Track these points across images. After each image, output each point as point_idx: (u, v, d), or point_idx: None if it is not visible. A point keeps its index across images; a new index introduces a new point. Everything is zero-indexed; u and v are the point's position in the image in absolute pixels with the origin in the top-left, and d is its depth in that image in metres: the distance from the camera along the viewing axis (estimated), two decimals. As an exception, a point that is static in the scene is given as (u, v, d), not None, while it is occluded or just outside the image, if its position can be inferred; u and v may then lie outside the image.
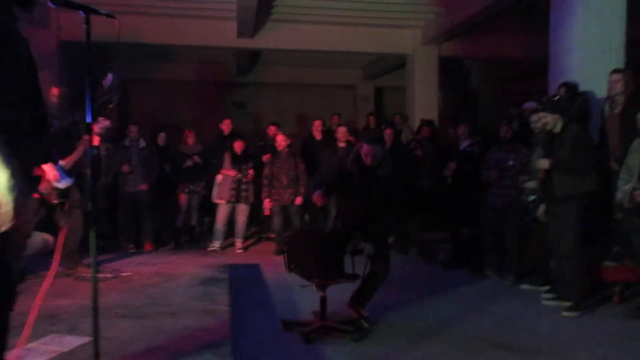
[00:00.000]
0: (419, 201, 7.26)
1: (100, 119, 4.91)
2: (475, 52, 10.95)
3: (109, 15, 2.18)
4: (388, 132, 7.56)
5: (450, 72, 11.41)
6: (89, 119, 2.14)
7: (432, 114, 9.66)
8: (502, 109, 8.72)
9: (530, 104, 6.13)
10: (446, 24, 9.22)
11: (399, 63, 11.29)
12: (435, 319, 4.44)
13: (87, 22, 2.15)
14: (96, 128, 4.75)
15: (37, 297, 2.25)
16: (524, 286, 5.51)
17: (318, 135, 8.17)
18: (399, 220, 7.49)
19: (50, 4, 2.11)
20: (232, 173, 7.30)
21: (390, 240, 7.65)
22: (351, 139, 7.90)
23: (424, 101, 10.22)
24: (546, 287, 5.15)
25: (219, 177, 7.47)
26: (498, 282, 5.79)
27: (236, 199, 7.37)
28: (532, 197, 5.45)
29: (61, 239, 2.56)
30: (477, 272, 6.16)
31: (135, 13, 8.43)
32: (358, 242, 4.27)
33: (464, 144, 6.67)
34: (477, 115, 13.11)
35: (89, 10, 2.15)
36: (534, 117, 5.30)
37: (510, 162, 5.80)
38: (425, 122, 8.15)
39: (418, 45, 10.21)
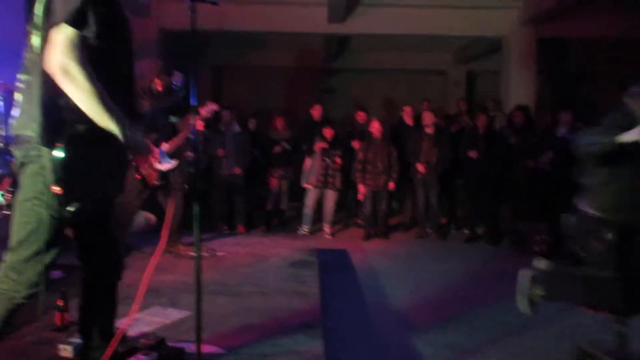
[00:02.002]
0: (512, 190, 7.00)
1: (208, 102, 5.07)
2: (578, 33, 10.26)
3: (213, 3, 2.26)
4: (481, 119, 7.32)
5: (550, 54, 10.79)
6: (193, 103, 2.23)
7: (529, 100, 9.21)
8: (608, 94, 8.14)
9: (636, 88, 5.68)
10: (545, 4, 8.72)
11: (492, 46, 10.84)
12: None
13: (193, 9, 2.24)
14: (203, 112, 4.93)
15: (146, 272, 2.39)
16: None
17: (409, 121, 8.07)
18: (492, 209, 7.28)
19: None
20: (324, 145, 7.37)
21: (480, 230, 7.48)
22: (440, 123, 7.75)
23: (520, 86, 9.75)
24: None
25: (308, 163, 7.58)
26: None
27: (324, 184, 7.45)
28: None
29: (169, 217, 2.70)
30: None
31: (228, 2, 8.66)
32: None
33: (562, 131, 6.33)
34: (581, 100, 12.34)
35: (194, -1, 2.24)
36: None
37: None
38: (519, 108, 7.79)
39: (515, 27, 9.72)
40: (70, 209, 1.89)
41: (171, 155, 5.19)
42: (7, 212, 3.85)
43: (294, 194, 8.35)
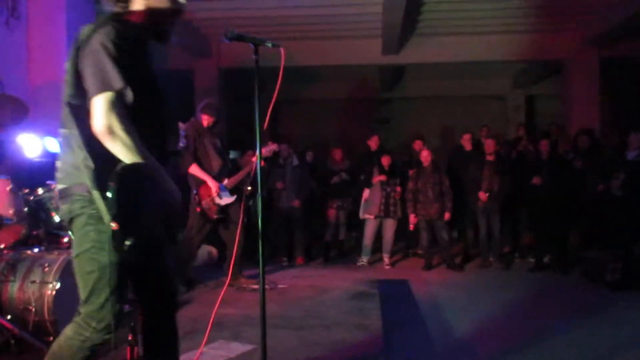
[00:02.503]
0: (580, 216, 6.73)
1: (269, 142, 5.26)
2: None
3: (275, 45, 2.34)
4: (544, 144, 7.13)
5: (614, 75, 10.43)
6: (257, 143, 2.30)
7: (593, 122, 8.91)
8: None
9: None
10: (607, 25, 8.49)
11: (552, 69, 10.60)
12: (604, 348, 4.04)
13: (256, 52, 2.33)
14: (264, 151, 5.07)
15: (215, 306, 2.43)
16: None
17: (468, 147, 7.97)
18: (558, 236, 7.01)
19: (224, 39, 2.31)
20: (383, 178, 7.37)
21: (546, 258, 7.20)
22: (500, 150, 7.61)
23: (582, 108, 9.47)
24: None
25: (367, 193, 7.58)
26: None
27: (384, 214, 7.41)
28: None
29: (234, 253, 2.75)
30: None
31: (284, 38, 8.88)
32: None
33: (633, 154, 6.07)
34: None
35: (257, 42, 2.33)
36: None
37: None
38: (584, 132, 7.55)
39: (575, 49, 9.50)
40: (128, 242, 1.96)
41: (232, 190, 5.35)
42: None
43: (352, 224, 8.34)
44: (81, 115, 2.00)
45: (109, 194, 1.90)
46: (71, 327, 2.13)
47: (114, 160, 1.97)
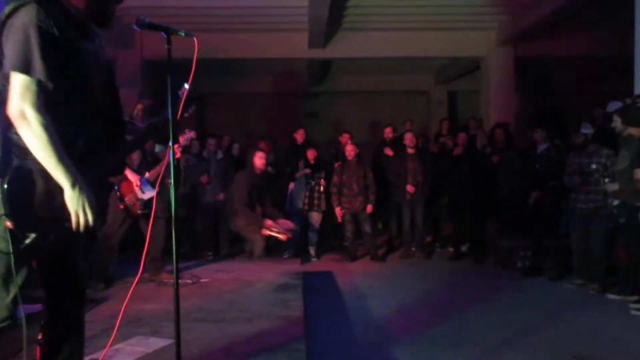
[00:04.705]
0: (496, 207, 7.08)
1: (186, 130, 5.12)
2: (553, 52, 10.51)
3: (187, 35, 2.31)
4: (462, 137, 7.43)
5: (528, 73, 11.01)
6: (171, 132, 2.26)
7: (509, 117, 9.37)
8: (585, 110, 8.32)
9: (614, 104, 5.85)
10: (522, 24, 8.94)
11: (472, 66, 11.05)
12: (514, 329, 4.30)
13: (169, 42, 2.29)
14: (181, 139, 4.97)
15: (124, 302, 2.38)
16: (611, 296, 5.23)
17: (389, 139, 8.21)
18: (476, 227, 7.34)
19: (134, 26, 2.26)
20: (308, 171, 7.48)
21: (465, 247, 7.53)
22: (421, 143, 7.86)
23: (499, 104, 9.93)
24: (635, 297, 4.86)
25: (292, 186, 7.61)
26: (582, 292, 5.53)
27: (309, 207, 7.47)
28: (616, 202, 5.20)
29: (146, 245, 2.70)
30: (558, 280, 5.94)
31: (209, 30, 8.76)
32: None
33: (541, 148, 6.45)
34: (559, 117, 12.56)
35: (169, 31, 2.29)
36: (615, 119, 5.11)
37: (593, 166, 5.55)
38: (498, 126, 7.92)
39: (493, 47, 9.94)
40: (27, 241, 1.89)
41: (152, 183, 5.22)
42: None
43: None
44: (2, 101, 1.90)
45: (5, 187, 1.83)
46: None
47: (17, 152, 1.89)
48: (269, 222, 6.65)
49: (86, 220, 1.94)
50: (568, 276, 5.96)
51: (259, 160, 6.87)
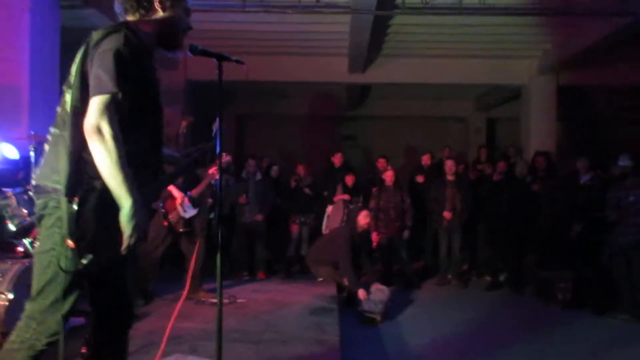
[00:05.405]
0: (536, 237, 6.94)
1: (223, 154, 5.22)
2: (596, 81, 10.35)
3: (238, 62, 2.38)
4: (501, 165, 7.35)
5: (569, 101, 10.84)
6: (216, 153, 2.32)
7: (549, 146, 9.21)
8: (629, 140, 8.14)
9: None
10: (565, 53, 8.85)
11: (512, 94, 10.95)
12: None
13: (220, 68, 2.36)
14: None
15: (171, 320, 2.42)
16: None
17: (429, 169, 8.15)
18: (514, 256, 7.20)
19: (188, 52, 2.35)
20: (346, 197, 7.44)
21: (502, 277, 7.37)
22: (460, 170, 7.79)
23: (540, 132, 9.79)
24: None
25: (330, 209, 7.63)
26: (627, 325, 5.35)
27: (346, 230, 7.46)
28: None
29: (192, 264, 2.75)
30: (602, 314, 5.75)
31: (250, 53, 8.92)
32: None
33: (584, 179, 6.32)
34: (602, 146, 12.29)
35: (221, 58, 2.37)
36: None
37: (631, 198, 5.43)
38: (540, 153, 7.80)
39: (534, 75, 9.85)
40: (84, 261, 1.96)
41: (194, 202, 5.33)
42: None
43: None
44: (80, 121, 1.98)
45: (72, 208, 1.90)
46: (14, 331, 2.11)
47: (90, 172, 1.97)
48: (362, 293, 5.62)
49: (134, 240, 2.00)
50: (611, 310, 5.77)
51: (363, 219, 6.40)
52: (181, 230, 5.33)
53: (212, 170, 5.07)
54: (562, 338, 4.99)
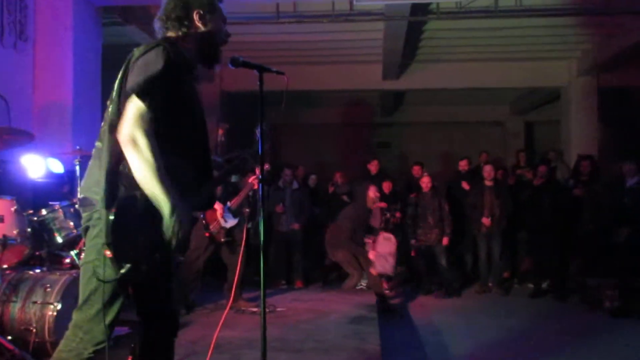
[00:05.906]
0: (580, 242, 6.76)
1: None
2: (638, 81, 10.05)
3: (279, 72, 2.40)
4: (542, 169, 7.19)
5: (611, 103, 10.55)
6: (257, 161, 2.34)
7: (591, 149, 8.99)
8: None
9: None
10: (605, 54, 8.63)
11: (551, 96, 10.73)
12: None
13: (261, 79, 2.39)
14: (258, 172, 5.10)
15: (216, 329, 2.44)
16: None
17: (466, 174, 8.03)
18: (557, 263, 7.02)
19: (229, 65, 2.38)
20: (383, 205, 7.40)
21: (545, 284, 7.19)
22: (499, 175, 7.65)
23: (581, 135, 9.57)
24: None
25: (367, 217, 7.60)
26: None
27: (384, 238, 7.42)
28: None
29: (236, 274, 2.77)
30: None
31: (286, 63, 9.01)
32: None
33: (631, 182, 6.13)
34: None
35: (262, 69, 2.40)
36: None
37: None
38: (585, 157, 7.60)
39: (574, 77, 9.63)
40: (122, 271, 2.00)
41: (233, 212, 5.39)
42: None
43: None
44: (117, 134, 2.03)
45: (110, 217, 1.95)
46: (63, 340, 2.16)
47: (126, 183, 2.01)
48: (372, 254, 6.46)
49: (177, 239, 2.04)
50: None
51: (373, 192, 6.79)
52: (222, 240, 5.39)
53: (251, 179, 5.12)
54: (612, 348, 4.83)
